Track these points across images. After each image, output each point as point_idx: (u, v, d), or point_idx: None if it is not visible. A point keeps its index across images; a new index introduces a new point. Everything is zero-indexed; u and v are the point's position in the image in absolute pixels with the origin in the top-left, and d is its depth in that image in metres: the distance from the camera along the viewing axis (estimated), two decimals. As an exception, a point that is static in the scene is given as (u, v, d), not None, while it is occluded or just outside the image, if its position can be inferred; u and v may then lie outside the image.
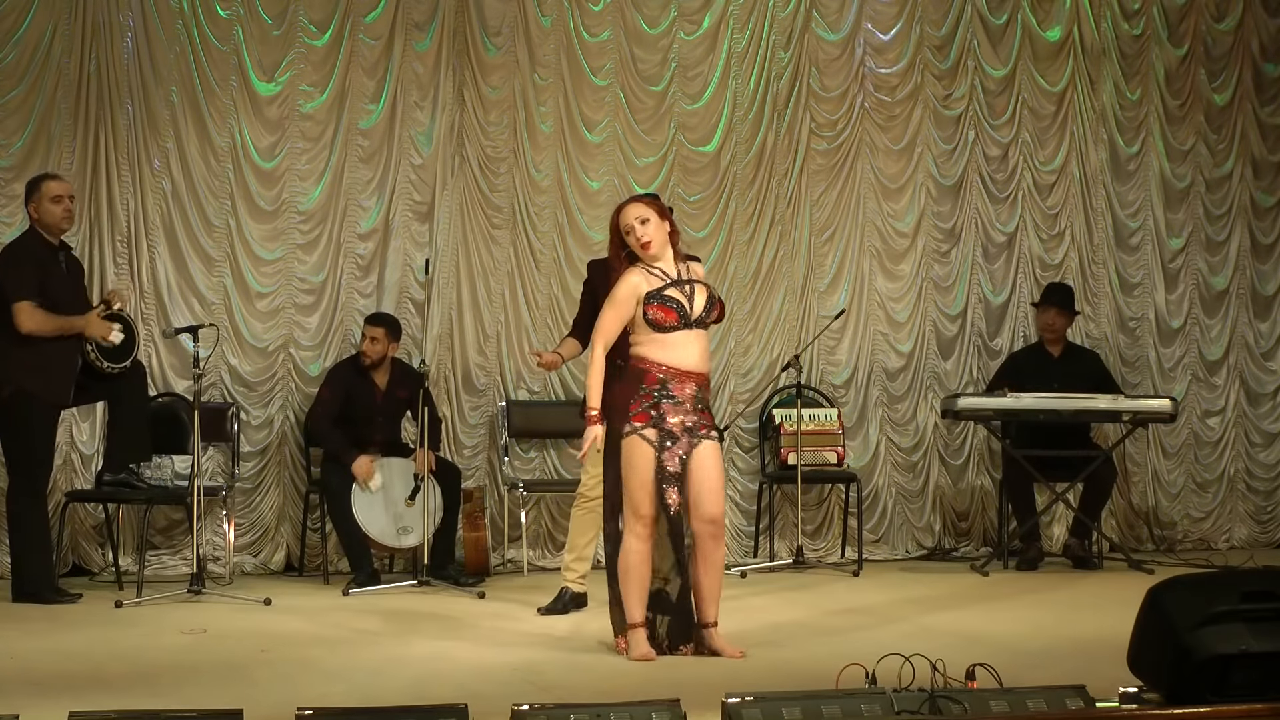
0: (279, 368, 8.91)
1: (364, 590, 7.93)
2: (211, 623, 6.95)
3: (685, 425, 6.13)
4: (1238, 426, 10.45)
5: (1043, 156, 10.13)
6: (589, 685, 5.59)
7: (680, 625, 6.28)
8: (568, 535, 7.62)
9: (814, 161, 9.77)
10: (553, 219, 9.33)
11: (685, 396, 6.12)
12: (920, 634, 6.66)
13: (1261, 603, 4.76)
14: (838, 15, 9.81)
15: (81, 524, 8.50)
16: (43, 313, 7.47)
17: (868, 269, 9.84)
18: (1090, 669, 5.35)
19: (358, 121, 9.04)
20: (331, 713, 4.56)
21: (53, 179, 7.73)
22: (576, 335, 7.46)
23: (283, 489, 8.90)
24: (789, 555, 9.25)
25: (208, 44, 8.79)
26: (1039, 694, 4.71)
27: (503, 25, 9.24)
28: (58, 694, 5.26)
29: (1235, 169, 10.46)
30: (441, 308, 9.10)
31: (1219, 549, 10.19)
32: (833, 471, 9.23)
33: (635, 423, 6.10)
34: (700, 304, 6.18)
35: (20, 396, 7.47)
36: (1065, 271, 10.08)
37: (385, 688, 5.55)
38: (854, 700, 4.61)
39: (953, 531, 9.91)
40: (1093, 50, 10.18)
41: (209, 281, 8.80)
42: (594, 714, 4.45)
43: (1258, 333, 10.54)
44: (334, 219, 9.00)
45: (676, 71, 9.56)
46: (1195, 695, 4.67)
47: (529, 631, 6.88)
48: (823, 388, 9.67)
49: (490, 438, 9.21)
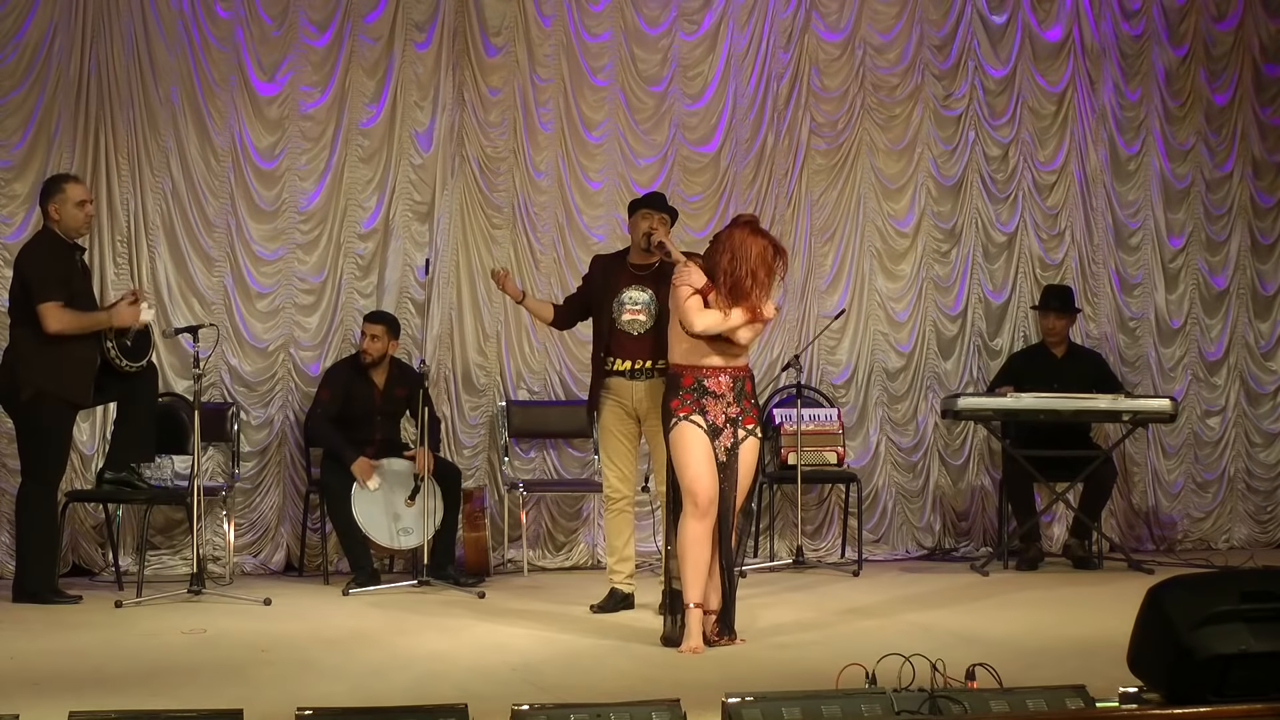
0: (279, 368, 8.91)
1: (364, 590, 7.93)
2: (211, 623, 6.95)
3: (729, 416, 6.42)
4: (1238, 426, 10.45)
5: (1043, 156, 10.13)
6: (589, 685, 5.60)
7: (723, 617, 6.44)
8: (605, 539, 7.75)
9: (814, 161, 9.77)
10: (553, 219, 9.33)
11: (722, 388, 6.42)
12: (920, 634, 6.67)
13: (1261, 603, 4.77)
14: (838, 15, 9.82)
15: (81, 524, 8.50)
16: (69, 312, 7.46)
17: (868, 269, 9.84)
18: (1090, 669, 5.35)
19: (358, 121, 9.04)
20: (331, 713, 4.56)
21: (76, 182, 7.70)
22: (559, 307, 7.81)
23: (283, 489, 8.90)
24: (789, 555, 9.25)
25: (208, 44, 8.79)
26: (1039, 694, 4.71)
27: (503, 25, 9.24)
28: (58, 694, 5.27)
29: (1235, 169, 10.46)
30: (441, 308, 9.10)
31: (1219, 549, 10.19)
32: (833, 471, 9.23)
33: (681, 414, 6.38)
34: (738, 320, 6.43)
35: (40, 398, 7.47)
36: (1065, 271, 10.09)
37: (385, 688, 5.55)
38: (854, 700, 4.62)
39: (953, 531, 9.91)
40: (1093, 50, 10.19)
41: (209, 281, 8.80)
42: (594, 714, 4.45)
43: (1258, 333, 10.54)
44: (334, 219, 9.01)
45: (676, 71, 9.56)
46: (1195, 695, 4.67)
47: (529, 631, 6.88)
48: (823, 388, 9.67)
49: (490, 438, 9.21)
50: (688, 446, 6.35)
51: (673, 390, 6.47)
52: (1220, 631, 4.68)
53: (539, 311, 7.86)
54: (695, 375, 6.41)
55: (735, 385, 6.44)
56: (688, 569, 6.31)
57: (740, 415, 6.43)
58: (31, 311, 7.44)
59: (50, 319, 7.41)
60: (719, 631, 6.42)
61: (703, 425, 6.37)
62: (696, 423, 6.37)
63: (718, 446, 6.39)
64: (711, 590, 6.40)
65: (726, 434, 6.40)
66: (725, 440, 6.40)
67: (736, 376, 6.46)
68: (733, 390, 6.42)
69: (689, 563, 6.31)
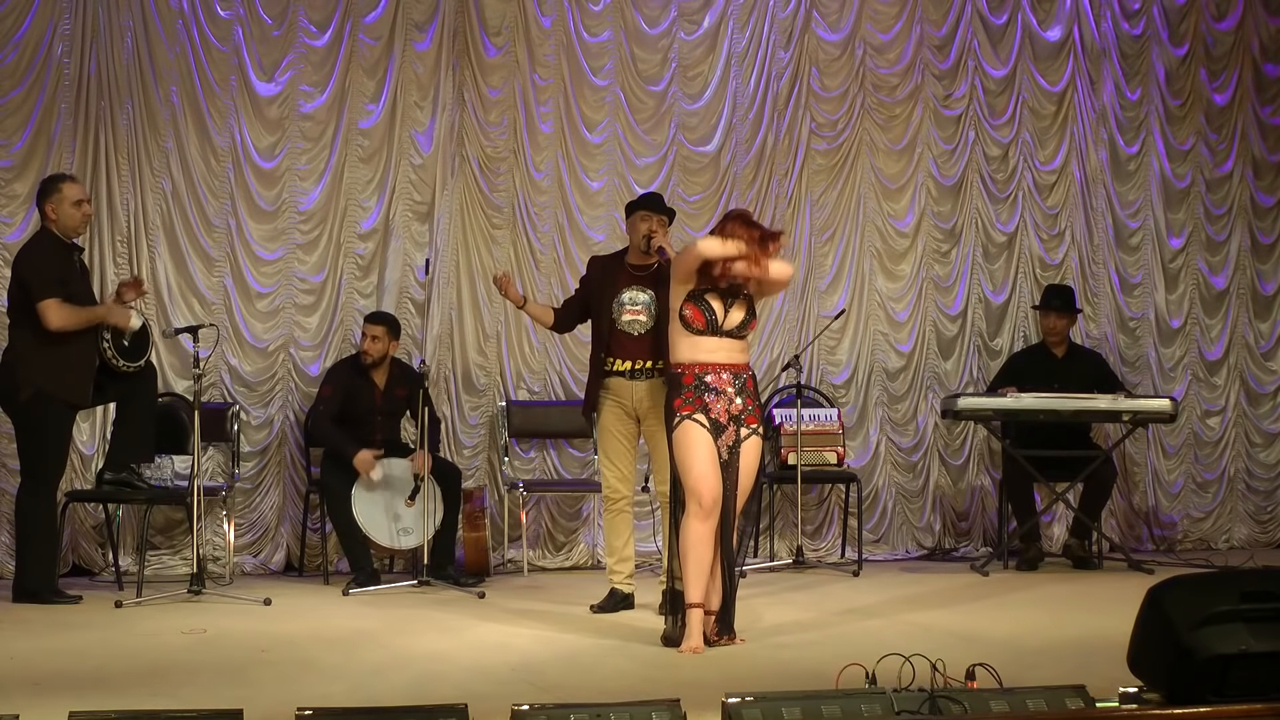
0: (279, 368, 8.91)
1: (364, 590, 7.92)
2: (211, 623, 6.95)
3: (731, 414, 6.42)
4: (1238, 426, 10.45)
5: (1043, 156, 10.13)
6: (589, 685, 5.59)
7: (723, 616, 6.43)
8: (604, 540, 7.75)
9: (814, 161, 9.77)
10: (553, 219, 9.33)
11: (723, 384, 6.41)
12: (920, 634, 6.66)
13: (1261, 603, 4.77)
14: (838, 15, 9.82)
15: (81, 524, 8.50)
16: (69, 308, 7.46)
17: (868, 269, 9.84)
18: (1090, 669, 5.35)
19: (358, 121, 9.04)
20: (331, 713, 4.56)
21: (72, 182, 7.70)
22: (558, 310, 7.82)
23: (283, 489, 8.90)
24: (789, 555, 9.26)
25: (208, 44, 8.79)
26: (1039, 694, 4.71)
27: (503, 25, 9.25)
28: (58, 694, 5.26)
29: (1235, 169, 10.46)
30: (441, 308, 9.10)
31: (1219, 549, 10.19)
32: (833, 471, 9.22)
33: (684, 412, 6.38)
34: (736, 319, 6.47)
35: (39, 398, 7.47)
36: (1065, 271, 10.09)
37: (385, 688, 5.55)
38: (854, 700, 4.62)
39: (953, 531, 9.91)
40: (1093, 50, 10.19)
41: (209, 281, 8.80)
42: (594, 714, 4.45)
43: (1258, 333, 10.54)
44: (334, 219, 9.01)
45: (676, 71, 9.56)
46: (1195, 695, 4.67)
47: (529, 631, 6.88)
48: (823, 388, 9.67)
49: (490, 438, 9.21)
50: (691, 447, 6.35)
51: (675, 390, 6.47)
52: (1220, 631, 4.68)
53: (540, 316, 7.88)
54: (696, 373, 6.41)
55: (736, 382, 6.44)
56: (690, 569, 6.31)
57: (743, 414, 6.43)
58: (31, 311, 7.44)
59: (51, 315, 7.41)
60: (719, 631, 6.42)
61: (705, 423, 6.37)
62: (699, 421, 6.36)
63: (720, 444, 6.38)
64: (712, 590, 6.40)
65: (729, 432, 6.40)
66: (728, 438, 6.40)
67: (737, 374, 6.46)
68: (734, 386, 6.42)
69: (691, 563, 6.31)
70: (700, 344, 6.44)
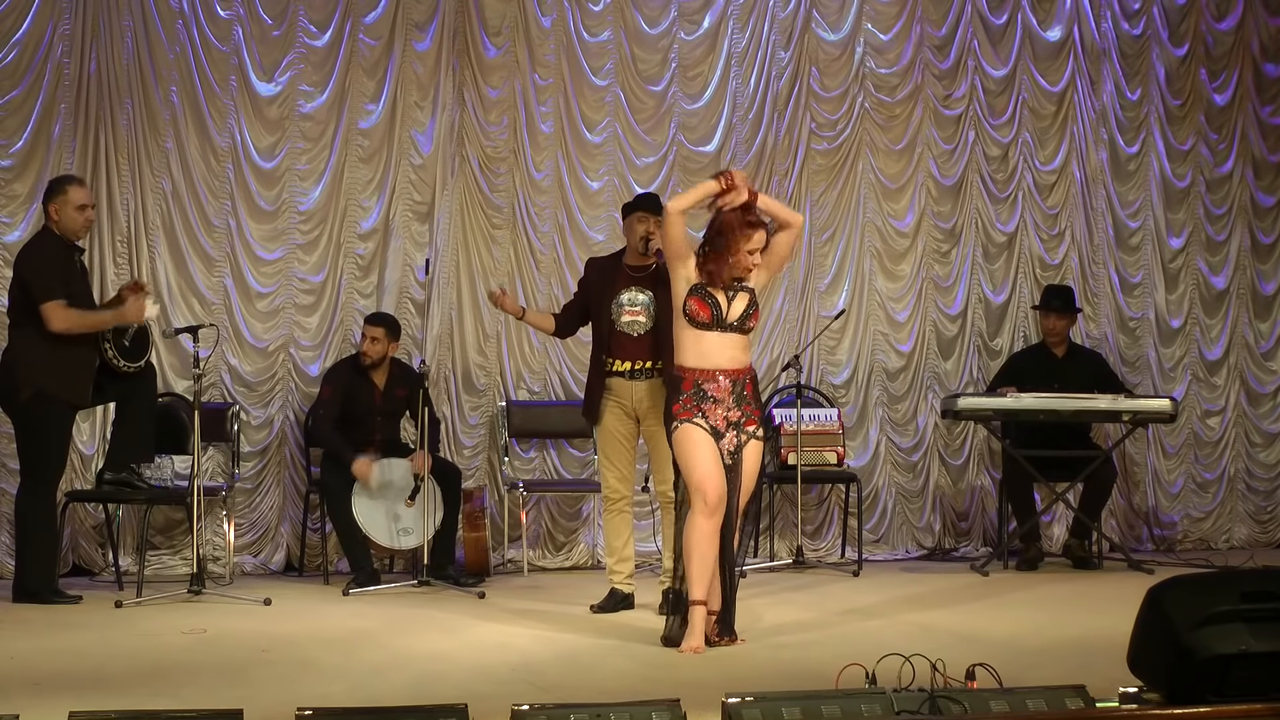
0: (279, 368, 8.91)
1: (364, 590, 7.92)
2: (211, 623, 6.95)
3: (730, 420, 6.41)
4: (1238, 426, 10.45)
5: (1043, 156, 10.13)
6: (589, 685, 5.59)
7: (723, 617, 6.43)
8: (604, 540, 7.75)
9: (814, 161, 9.77)
10: (553, 219, 9.33)
11: (721, 392, 6.39)
12: (920, 634, 6.66)
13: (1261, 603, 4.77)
14: (838, 15, 9.82)
15: (81, 524, 8.50)
16: (74, 310, 7.46)
17: (868, 269, 9.84)
18: (1090, 669, 5.35)
19: (358, 121, 9.04)
20: (331, 713, 4.56)
21: (79, 186, 7.67)
22: (558, 317, 7.81)
23: (283, 489, 8.90)
24: (789, 555, 9.25)
25: (208, 44, 8.79)
26: (1039, 694, 4.71)
27: (503, 25, 9.24)
28: (58, 694, 5.26)
29: (1235, 169, 10.46)
30: (441, 308, 9.10)
31: (1219, 549, 10.19)
32: (833, 471, 9.22)
33: (682, 418, 6.38)
34: (739, 309, 6.44)
35: (39, 398, 7.46)
36: (1065, 271, 10.08)
37: (385, 688, 5.55)
38: (854, 700, 4.62)
39: (953, 531, 9.91)
40: (1093, 50, 10.19)
41: (209, 281, 8.80)
42: (594, 714, 4.45)
43: (1258, 333, 10.54)
44: (334, 219, 9.01)
45: (676, 71, 9.56)
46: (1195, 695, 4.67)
47: (529, 631, 6.88)
48: (823, 388, 9.67)
49: (490, 438, 9.21)
50: (693, 446, 6.35)
51: (674, 393, 6.47)
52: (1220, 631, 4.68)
53: (540, 324, 7.89)
54: (695, 379, 6.39)
55: (734, 389, 6.41)
56: (693, 566, 6.30)
57: (742, 419, 6.43)
58: (31, 312, 7.44)
59: (55, 318, 7.41)
60: (719, 631, 6.42)
61: (705, 427, 6.38)
62: (699, 424, 6.36)
63: (722, 448, 6.38)
64: (712, 590, 6.40)
65: (729, 438, 6.39)
66: (729, 444, 6.39)
67: (735, 379, 6.43)
68: (731, 394, 6.39)
69: (695, 560, 6.30)
70: (704, 340, 6.40)
